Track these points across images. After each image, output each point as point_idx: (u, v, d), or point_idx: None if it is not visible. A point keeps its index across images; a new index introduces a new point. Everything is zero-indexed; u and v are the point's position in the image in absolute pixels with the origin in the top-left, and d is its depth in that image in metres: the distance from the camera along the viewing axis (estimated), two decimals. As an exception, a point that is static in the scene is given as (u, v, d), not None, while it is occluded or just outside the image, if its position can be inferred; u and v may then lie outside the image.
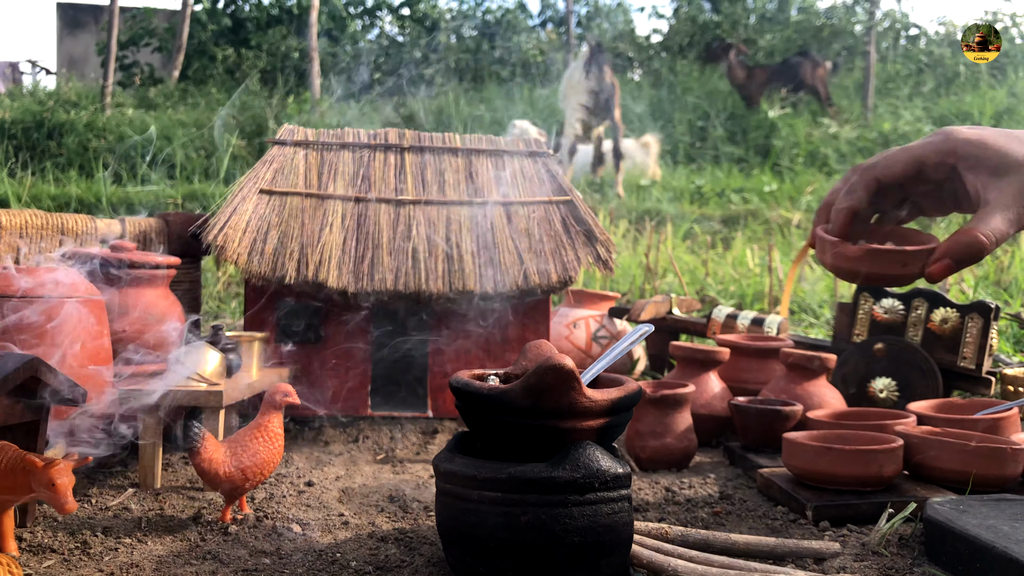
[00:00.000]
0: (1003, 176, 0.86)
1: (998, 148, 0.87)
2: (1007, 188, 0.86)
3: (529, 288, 1.63)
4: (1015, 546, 0.90)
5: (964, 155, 0.88)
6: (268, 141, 1.82)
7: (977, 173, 0.88)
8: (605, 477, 0.87)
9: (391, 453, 1.59)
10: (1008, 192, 0.86)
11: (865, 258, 0.88)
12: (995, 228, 0.86)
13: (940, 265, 0.88)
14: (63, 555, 1.01)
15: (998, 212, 0.86)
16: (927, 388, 1.70)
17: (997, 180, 0.87)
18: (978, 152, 0.88)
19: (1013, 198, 0.86)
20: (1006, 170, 0.86)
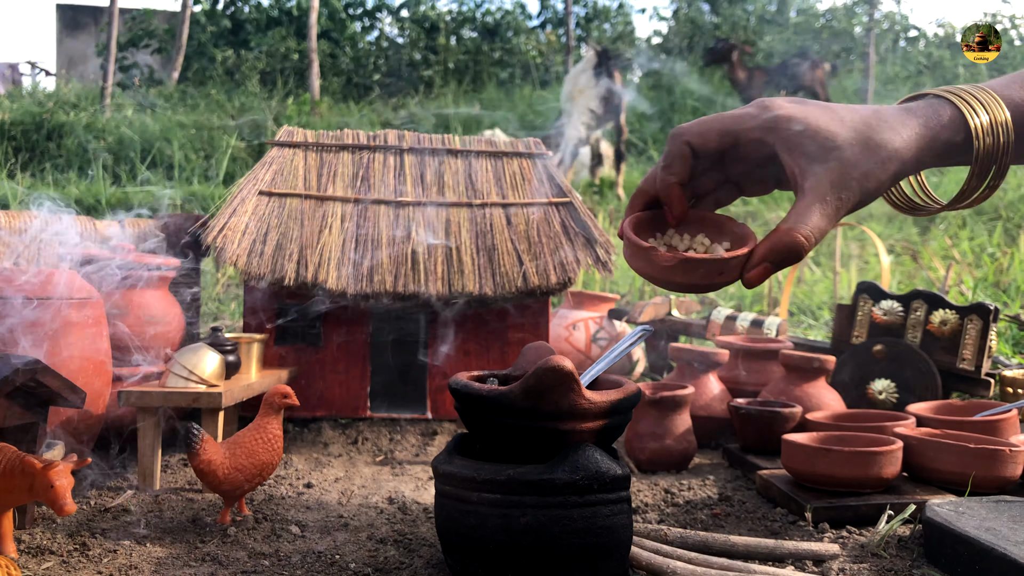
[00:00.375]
0: (822, 161, 0.80)
1: (818, 128, 0.80)
2: (824, 176, 0.80)
3: (528, 290, 1.63)
4: (1014, 548, 0.90)
5: (783, 135, 0.81)
6: (267, 143, 1.82)
7: (795, 156, 0.81)
8: (604, 479, 0.87)
9: (390, 455, 1.59)
10: (826, 181, 0.80)
11: (679, 268, 0.79)
12: (813, 226, 0.80)
13: (758, 270, 0.81)
14: (62, 557, 1.01)
15: (816, 206, 0.80)
16: (926, 390, 1.70)
17: (815, 166, 0.80)
18: (797, 132, 0.80)
19: (831, 187, 0.80)
20: (825, 155, 0.80)
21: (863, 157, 0.80)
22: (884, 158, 0.80)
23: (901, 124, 0.81)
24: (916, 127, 0.81)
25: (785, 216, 0.81)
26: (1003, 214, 4.85)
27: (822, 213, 0.80)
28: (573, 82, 6.20)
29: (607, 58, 6.06)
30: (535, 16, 12.44)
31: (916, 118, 0.82)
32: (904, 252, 4.23)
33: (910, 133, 0.81)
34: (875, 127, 0.81)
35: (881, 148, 0.80)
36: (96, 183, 5.39)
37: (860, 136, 0.80)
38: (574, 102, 6.12)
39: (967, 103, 0.82)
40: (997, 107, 0.82)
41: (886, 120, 0.81)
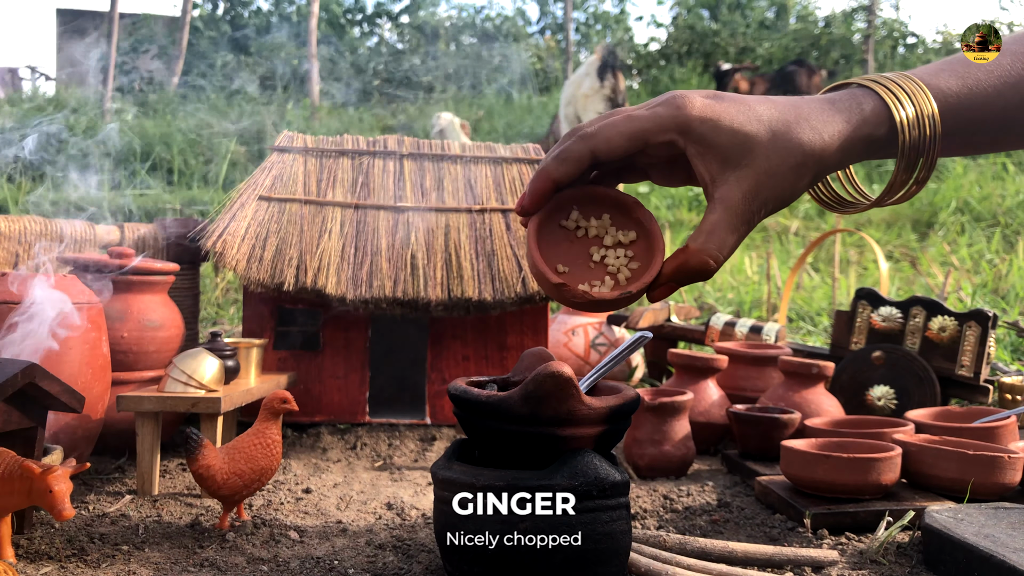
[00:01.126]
0: (734, 167, 0.73)
1: (733, 129, 0.73)
2: (736, 186, 0.73)
3: (528, 295, 1.63)
4: (1013, 555, 0.90)
5: (695, 136, 0.74)
6: (267, 148, 1.82)
7: (706, 161, 0.74)
8: (603, 485, 0.87)
9: (389, 460, 1.59)
10: (737, 191, 0.73)
11: (589, 304, 0.76)
12: (722, 245, 0.74)
13: (663, 289, 0.76)
14: (60, 562, 1.01)
15: (725, 222, 0.74)
16: (925, 396, 1.70)
17: (728, 172, 0.73)
18: (710, 133, 0.73)
19: (744, 197, 0.73)
20: (738, 160, 0.73)
21: (779, 162, 0.74)
22: (802, 161, 0.74)
23: (822, 121, 0.76)
24: (838, 123, 0.76)
25: (694, 231, 0.76)
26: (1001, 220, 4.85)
27: (732, 229, 0.74)
28: (576, 86, 6.18)
29: (613, 58, 6.06)
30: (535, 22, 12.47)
31: (839, 113, 0.76)
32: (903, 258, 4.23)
33: (832, 131, 0.75)
34: (794, 126, 0.75)
35: (800, 150, 0.74)
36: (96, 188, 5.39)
37: (777, 137, 0.74)
38: (581, 107, 6.10)
39: (892, 94, 0.77)
40: (924, 98, 0.77)
41: (806, 117, 0.75)
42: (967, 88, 0.78)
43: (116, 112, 7.55)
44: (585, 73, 6.16)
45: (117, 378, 1.43)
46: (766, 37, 11.14)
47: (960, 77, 0.78)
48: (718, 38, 11.05)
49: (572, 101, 6.19)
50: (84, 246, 1.72)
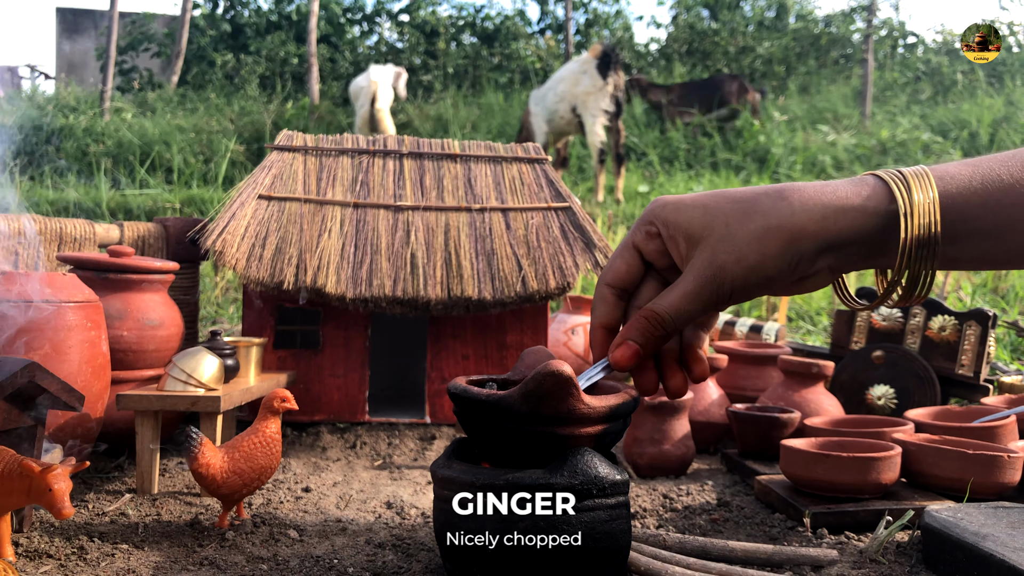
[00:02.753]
0: (698, 241, 0.73)
1: (694, 206, 0.74)
2: (698, 258, 0.73)
3: (527, 294, 1.63)
4: (1013, 554, 0.90)
5: (664, 223, 0.76)
6: (267, 147, 1.82)
7: (676, 242, 0.75)
8: (603, 484, 0.87)
9: (389, 459, 1.58)
10: (699, 261, 0.73)
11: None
12: (669, 305, 0.74)
13: (622, 349, 0.77)
14: (60, 560, 1.01)
15: (679, 288, 0.74)
16: (925, 395, 1.70)
17: (693, 248, 0.74)
18: (672, 215, 0.75)
19: (697, 270, 0.73)
20: (700, 232, 0.73)
21: (738, 227, 0.71)
22: (765, 226, 0.70)
23: (799, 192, 0.72)
24: (823, 194, 0.71)
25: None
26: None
27: (684, 294, 0.74)
28: (573, 82, 6.12)
29: (616, 55, 6.02)
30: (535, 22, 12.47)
31: (827, 186, 0.72)
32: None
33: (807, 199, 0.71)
34: (761, 196, 0.72)
35: (762, 215, 0.71)
36: (95, 187, 5.39)
37: (738, 206, 0.72)
38: (582, 104, 6.06)
39: (894, 178, 0.71)
40: (927, 183, 0.71)
41: (779, 190, 0.72)
42: (979, 174, 0.71)
43: (115, 111, 7.54)
44: (581, 71, 6.11)
45: (116, 377, 1.42)
46: (766, 37, 11.14)
47: (972, 166, 0.72)
48: (718, 37, 11.04)
49: (568, 98, 6.14)
50: (84, 245, 1.72)
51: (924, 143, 7.00)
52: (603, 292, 0.81)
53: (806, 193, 0.71)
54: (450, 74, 10.55)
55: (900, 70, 9.85)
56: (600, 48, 6.08)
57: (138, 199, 4.94)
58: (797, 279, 0.73)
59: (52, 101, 7.81)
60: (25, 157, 6.40)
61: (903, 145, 7.08)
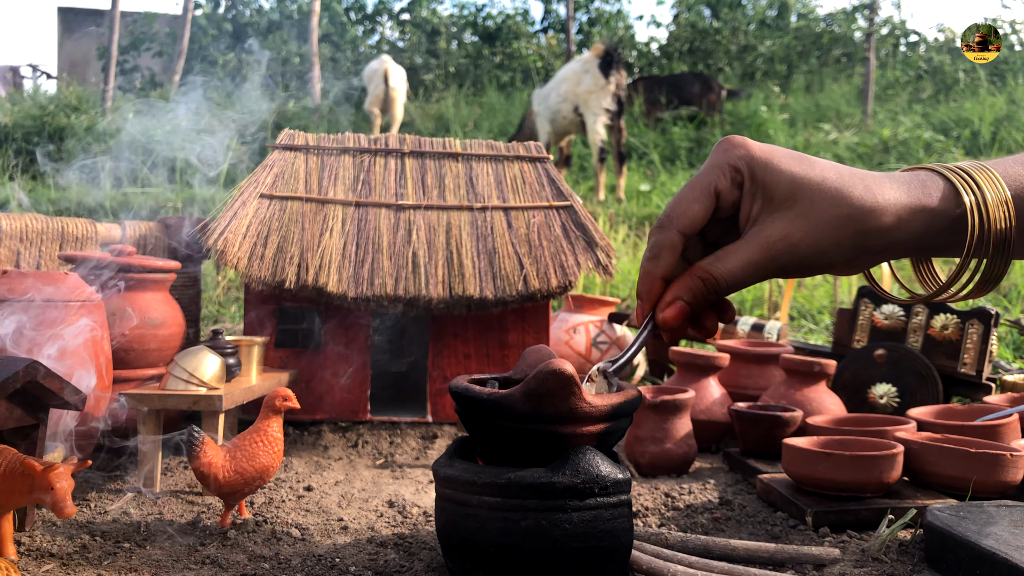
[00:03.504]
0: (777, 209, 0.71)
1: (785, 171, 0.71)
2: (770, 226, 0.71)
3: (529, 293, 1.63)
4: (1015, 552, 0.90)
5: (752, 176, 0.72)
6: (269, 146, 1.82)
7: (754, 199, 0.72)
8: (605, 482, 0.87)
9: (390, 458, 1.58)
10: (771, 230, 0.71)
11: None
12: (729, 271, 0.72)
13: (672, 308, 0.74)
14: (62, 559, 1.01)
15: (743, 253, 0.72)
16: (927, 394, 1.70)
17: (768, 213, 0.71)
18: (762, 172, 0.72)
19: (773, 237, 0.71)
20: (782, 201, 0.71)
21: (823, 210, 0.70)
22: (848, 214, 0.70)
23: (878, 184, 0.71)
24: (895, 191, 0.71)
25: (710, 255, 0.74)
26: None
27: (747, 260, 0.72)
28: (575, 83, 6.12)
29: (615, 56, 6.02)
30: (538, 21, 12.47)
31: (898, 183, 0.71)
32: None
33: (887, 195, 0.70)
34: (847, 181, 0.71)
35: (847, 203, 0.70)
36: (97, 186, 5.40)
37: (826, 187, 0.70)
38: (584, 103, 6.06)
39: (961, 177, 0.71)
40: (996, 184, 0.71)
41: (862, 178, 0.71)
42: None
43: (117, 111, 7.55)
44: (583, 70, 6.11)
45: (119, 376, 1.43)
46: (767, 35, 11.13)
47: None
48: (719, 36, 11.03)
49: (571, 98, 6.14)
50: (86, 244, 1.72)
51: (926, 141, 6.99)
52: (672, 239, 0.75)
53: (886, 189, 0.71)
54: (451, 73, 10.55)
55: (902, 68, 9.84)
56: (602, 47, 6.08)
57: (140, 198, 4.94)
58: (851, 266, 0.73)
59: (54, 100, 7.81)
60: (27, 156, 6.40)
61: (905, 144, 7.06)
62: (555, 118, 6.26)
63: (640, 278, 0.77)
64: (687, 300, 0.74)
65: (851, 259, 0.72)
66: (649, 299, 0.77)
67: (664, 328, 0.75)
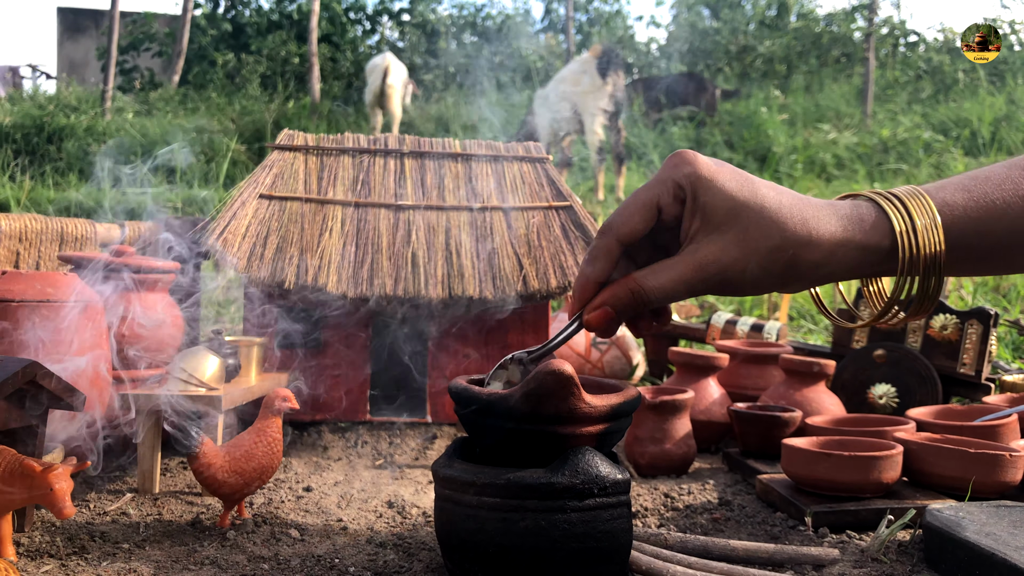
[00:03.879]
0: (715, 230, 0.73)
1: (727, 193, 0.73)
2: (706, 246, 0.73)
3: (528, 294, 1.63)
4: (1014, 553, 0.90)
5: (693, 194, 0.75)
6: (268, 146, 1.82)
7: (694, 218, 0.75)
8: (604, 483, 0.87)
9: (390, 459, 1.58)
10: (705, 250, 0.73)
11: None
12: (660, 285, 0.75)
13: (598, 313, 0.77)
14: (61, 560, 1.01)
15: (676, 270, 0.74)
16: (926, 394, 1.70)
17: (706, 233, 0.74)
18: (703, 192, 0.74)
19: (702, 261, 0.73)
20: (720, 223, 0.73)
21: (757, 238, 0.73)
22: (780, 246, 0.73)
23: (816, 218, 0.74)
24: (832, 224, 0.74)
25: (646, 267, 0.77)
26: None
27: (679, 277, 0.74)
28: (573, 84, 6.13)
29: (616, 55, 6.03)
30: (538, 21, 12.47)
31: (836, 216, 0.74)
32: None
33: (822, 228, 0.73)
34: (785, 211, 0.73)
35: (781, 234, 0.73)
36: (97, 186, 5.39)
37: (764, 214, 0.73)
38: (582, 104, 6.07)
39: (894, 205, 0.74)
40: (927, 209, 0.74)
41: (800, 209, 0.74)
42: (974, 201, 0.74)
43: (117, 111, 7.55)
44: (581, 71, 6.11)
45: (118, 376, 1.42)
46: (767, 35, 11.13)
47: (967, 190, 0.75)
48: (719, 36, 11.04)
49: (570, 98, 6.14)
50: (85, 244, 1.72)
51: (925, 141, 6.99)
52: (610, 245, 0.78)
53: (822, 223, 0.73)
54: (451, 73, 10.55)
55: (901, 69, 9.84)
56: (600, 48, 6.09)
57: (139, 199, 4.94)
58: (784, 289, 0.77)
59: (53, 101, 7.80)
60: (27, 157, 6.40)
61: (904, 144, 7.07)
62: (554, 118, 6.27)
63: (576, 278, 0.81)
64: (612, 306, 0.77)
65: (780, 285, 0.75)
66: (580, 300, 0.81)
67: (588, 329, 0.79)
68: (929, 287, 0.75)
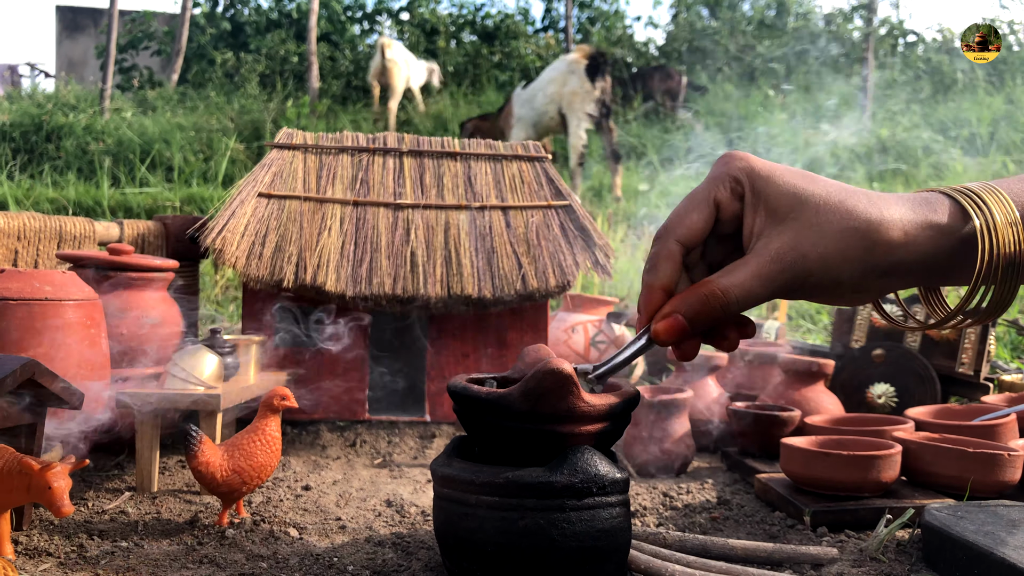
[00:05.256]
0: (781, 221, 0.69)
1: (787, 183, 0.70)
2: (776, 238, 0.69)
3: (527, 292, 1.63)
4: (1012, 552, 0.90)
5: (752, 188, 0.71)
6: (267, 145, 1.82)
7: (756, 212, 0.71)
8: (603, 482, 0.87)
9: (388, 457, 1.58)
10: (776, 242, 0.69)
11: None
12: (739, 283, 0.69)
13: (668, 321, 0.71)
14: (59, 558, 1.01)
15: (752, 266, 0.69)
16: (925, 394, 1.70)
17: (772, 226, 0.69)
18: (764, 186, 0.70)
19: (780, 249, 0.68)
20: (786, 213, 0.69)
21: (827, 221, 0.68)
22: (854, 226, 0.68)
23: (883, 200, 0.69)
24: (902, 207, 0.69)
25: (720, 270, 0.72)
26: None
27: (755, 274, 0.69)
28: (560, 84, 6.14)
29: (604, 60, 6.04)
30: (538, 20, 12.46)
31: (904, 201, 0.69)
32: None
33: (893, 210, 0.68)
34: (851, 195, 0.69)
35: (852, 214, 0.68)
36: (95, 185, 5.39)
37: (830, 199, 0.69)
38: (568, 105, 6.09)
39: (968, 198, 0.69)
40: (1006, 205, 0.68)
41: (866, 193, 0.69)
42: None
43: (115, 109, 7.54)
44: (569, 71, 6.12)
45: (116, 375, 1.42)
46: (766, 35, 11.13)
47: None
48: (718, 36, 11.03)
49: (556, 99, 6.17)
50: (84, 243, 1.72)
51: (924, 141, 7.00)
52: (671, 249, 0.72)
53: (891, 205, 0.69)
54: (450, 72, 10.54)
55: (900, 69, 9.84)
56: (589, 50, 6.11)
57: (138, 197, 4.94)
58: (854, 292, 0.71)
59: (52, 99, 7.79)
60: (25, 155, 6.39)
61: (903, 144, 7.07)
62: (540, 120, 6.28)
63: (641, 290, 0.74)
64: (684, 314, 0.71)
65: (859, 278, 0.69)
66: (647, 311, 0.74)
67: (658, 343, 0.72)
68: (1007, 291, 0.69)
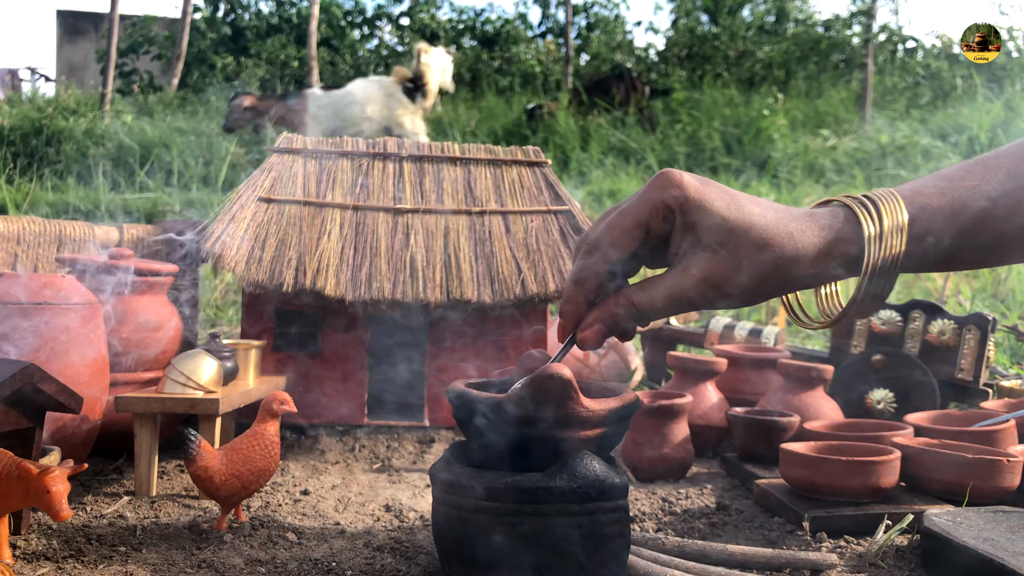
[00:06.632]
0: (705, 249, 0.75)
1: (717, 214, 0.75)
2: (697, 265, 0.75)
3: (527, 297, 1.63)
4: (1012, 558, 0.90)
5: (683, 216, 0.76)
6: (267, 149, 1.82)
7: (684, 237, 0.77)
8: (602, 487, 0.87)
9: (387, 462, 1.58)
10: (697, 269, 0.75)
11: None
12: (651, 301, 0.77)
13: (591, 331, 0.80)
14: (57, 563, 1.00)
15: (668, 285, 0.77)
16: (924, 400, 1.70)
17: (697, 252, 0.76)
18: (695, 213, 0.76)
19: (695, 278, 0.75)
20: (712, 243, 0.75)
21: (747, 256, 0.75)
22: (771, 262, 0.75)
23: (800, 231, 0.77)
24: (814, 237, 0.77)
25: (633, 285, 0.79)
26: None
27: (670, 295, 0.77)
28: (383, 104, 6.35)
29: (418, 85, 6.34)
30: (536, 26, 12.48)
31: (817, 227, 0.77)
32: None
33: (806, 242, 0.76)
34: (772, 228, 0.76)
35: (771, 252, 0.75)
36: (95, 189, 5.39)
37: (753, 234, 0.75)
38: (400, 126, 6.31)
39: (865, 209, 0.77)
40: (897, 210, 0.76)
41: (786, 224, 0.76)
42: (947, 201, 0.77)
43: (115, 114, 7.54)
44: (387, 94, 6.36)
45: (115, 379, 1.42)
46: (766, 41, 11.15)
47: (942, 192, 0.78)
48: (718, 42, 11.05)
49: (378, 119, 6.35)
50: (83, 247, 1.72)
51: (924, 147, 7.01)
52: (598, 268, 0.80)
53: (807, 235, 0.77)
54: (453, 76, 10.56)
55: (900, 75, 9.86)
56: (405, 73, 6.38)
57: (138, 201, 4.94)
58: (759, 301, 0.80)
59: (52, 103, 7.79)
60: (25, 159, 6.39)
61: (903, 149, 7.08)
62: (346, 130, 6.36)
63: (564, 299, 0.84)
64: (605, 323, 0.80)
65: (767, 296, 0.79)
66: (572, 320, 0.84)
67: (582, 347, 0.83)
68: (885, 286, 0.78)
